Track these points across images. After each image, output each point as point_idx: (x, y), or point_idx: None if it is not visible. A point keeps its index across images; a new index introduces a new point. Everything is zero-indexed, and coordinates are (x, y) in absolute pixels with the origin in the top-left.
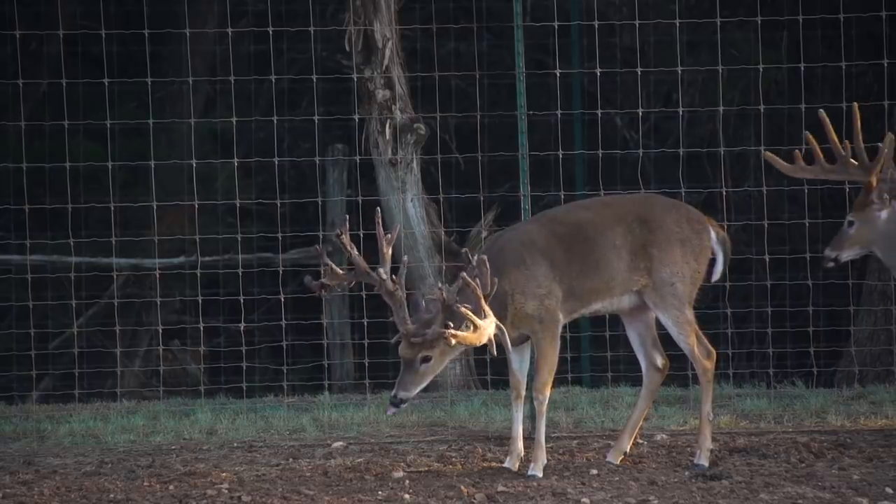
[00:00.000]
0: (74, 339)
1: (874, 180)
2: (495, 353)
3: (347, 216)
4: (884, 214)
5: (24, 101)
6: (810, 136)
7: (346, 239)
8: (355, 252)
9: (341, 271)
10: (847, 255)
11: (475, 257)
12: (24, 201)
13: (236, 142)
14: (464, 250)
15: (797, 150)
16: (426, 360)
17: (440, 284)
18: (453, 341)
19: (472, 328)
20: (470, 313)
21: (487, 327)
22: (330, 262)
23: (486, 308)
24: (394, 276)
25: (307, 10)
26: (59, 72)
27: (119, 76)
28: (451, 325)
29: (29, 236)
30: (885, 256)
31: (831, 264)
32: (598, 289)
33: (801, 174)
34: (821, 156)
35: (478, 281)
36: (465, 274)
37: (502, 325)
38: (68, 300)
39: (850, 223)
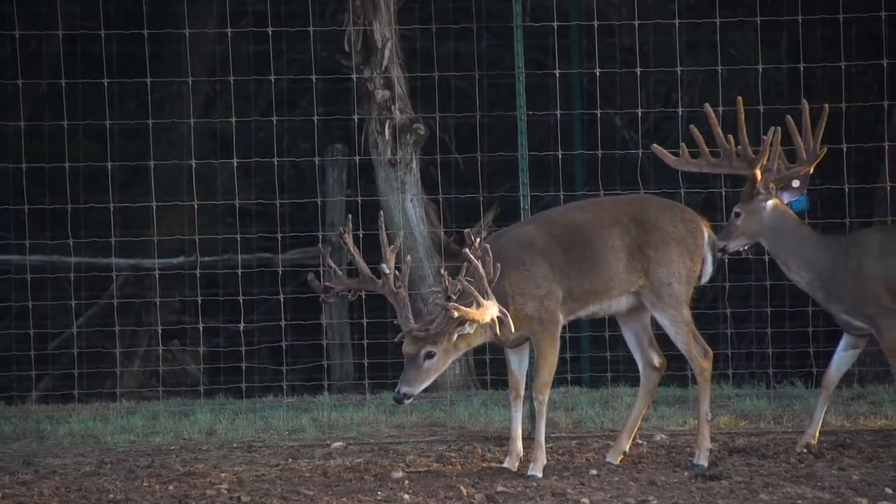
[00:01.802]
0: (74, 340)
1: (758, 173)
2: (499, 332)
3: (350, 215)
4: (769, 206)
5: (23, 102)
6: (695, 130)
7: (349, 240)
8: (359, 258)
9: (346, 278)
10: (734, 245)
11: (477, 241)
12: (23, 201)
13: (236, 142)
14: (466, 231)
15: (683, 143)
16: (430, 356)
17: (443, 271)
18: (456, 314)
19: (475, 305)
20: (473, 289)
21: (490, 307)
22: (334, 266)
23: (489, 290)
24: (397, 274)
25: (307, 10)
26: (59, 72)
27: (119, 76)
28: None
29: (28, 236)
30: (772, 247)
31: (719, 254)
32: (597, 290)
33: (686, 167)
34: (705, 149)
35: (481, 263)
36: (467, 251)
37: (505, 309)
38: (68, 300)
39: (738, 214)
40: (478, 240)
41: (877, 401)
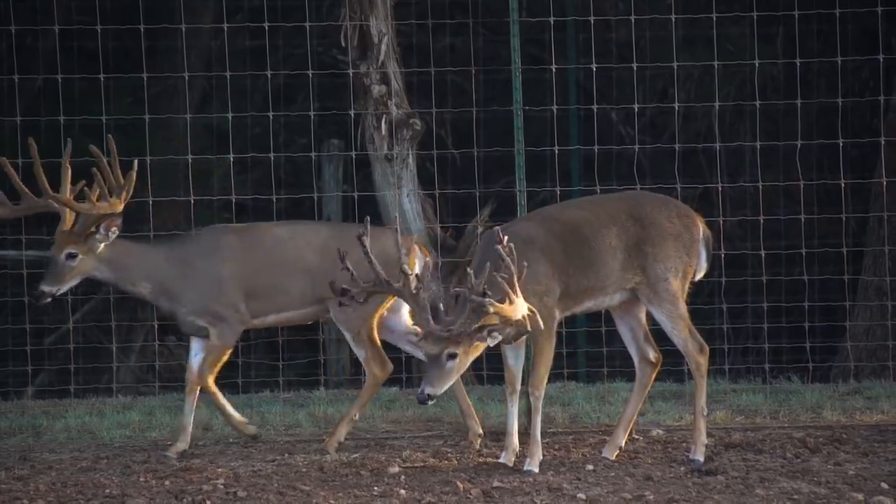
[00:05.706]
0: (70, 335)
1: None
2: (529, 328)
3: (368, 218)
4: (105, 245)
5: (19, 97)
6: (5, 161)
7: (367, 242)
8: (377, 264)
9: (363, 282)
10: (67, 286)
11: (504, 239)
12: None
13: (232, 137)
14: (496, 228)
15: None
16: (452, 357)
17: (470, 269)
18: (492, 309)
19: (507, 301)
20: (506, 284)
21: (521, 304)
22: (352, 270)
23: (518, 287)
24: (418, 276)
25: (303, 5)
26: (55, 67)
27: (115, 71)
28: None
29: (24, 232)
30: (116, 279)
31: (49, 300)
32: (593, 287)
33: (22, 212)
34: (25, 190)
35: (510, 260)
36: (500, 247)
37: (532, 307)
38: (64, 296)
39: (73, 255)
40: (505, 237)
41: (873, 396)
